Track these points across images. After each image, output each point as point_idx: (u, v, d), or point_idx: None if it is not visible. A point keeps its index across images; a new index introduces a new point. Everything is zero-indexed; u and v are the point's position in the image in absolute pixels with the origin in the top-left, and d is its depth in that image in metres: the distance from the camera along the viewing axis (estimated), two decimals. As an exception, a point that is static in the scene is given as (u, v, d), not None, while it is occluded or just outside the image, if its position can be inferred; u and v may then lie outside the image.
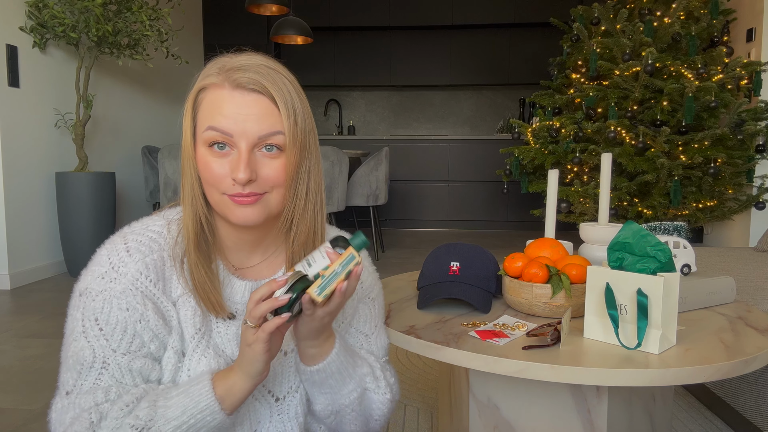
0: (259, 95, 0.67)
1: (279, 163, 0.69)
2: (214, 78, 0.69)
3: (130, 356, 0.68)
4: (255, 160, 0.68)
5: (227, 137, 0.67)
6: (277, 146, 0.69)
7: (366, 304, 0.88)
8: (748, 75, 3.32)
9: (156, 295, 0.71)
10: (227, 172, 0.68)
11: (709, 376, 0.80)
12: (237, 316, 0.77)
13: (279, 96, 0.68)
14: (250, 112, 0.67)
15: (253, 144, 0.68)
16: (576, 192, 3.37)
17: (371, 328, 0.89)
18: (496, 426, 1.03)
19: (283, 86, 0.68)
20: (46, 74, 3.38)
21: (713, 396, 1.57)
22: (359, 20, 5.92)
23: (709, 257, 2.00)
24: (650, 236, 0.86)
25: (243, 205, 0.69)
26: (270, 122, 0.68)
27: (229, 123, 0.67)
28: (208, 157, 0.69)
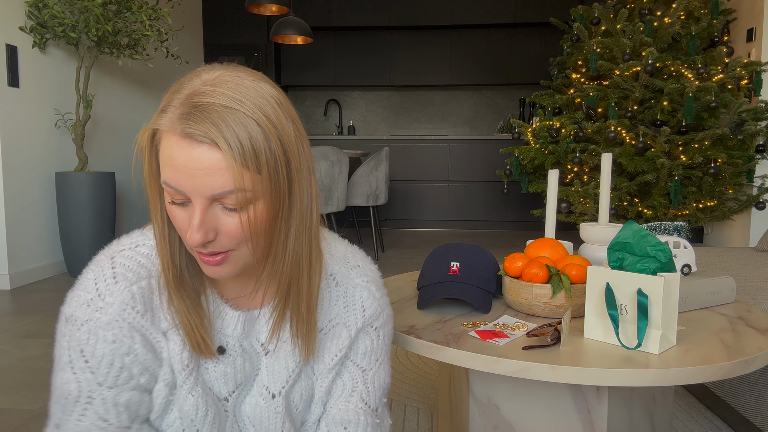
0: (209, 147, 0.56)
1: (238, 223, 0.60)
2: (166, 121, 0.58)
3: (116, 390, 0.65)
4: (214, 216, 0.60)
5: (181, 195, 0.59)
6: (235, 206, 0.59)
7: (368, 334, 0.78)
8: (749, 75, 3.32)
9: (144, 327, 0.66)
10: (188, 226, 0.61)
11: (709, 376, 0.80)
12: (227, 349, 0.71)
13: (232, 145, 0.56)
14: (199, 166, 0.56)
15: (209, 202, 0.59)
16: (576, 192, 3.37)
17: (370, 362, 0.79)
18: (496, 426, 1.03)
19: (242, 131, 0.56)
20: (46, 74, 3.38)
21: (713, 396, 1.57)
22: (359, 20, 5.92)
23: (709, 257, 2.00)
24: (650, 236, 0.86)
25: (209, 265, 0.63)
26: (222, 180, 0.57)
27: (180, 179, 0.57)
28: (171, 207, 0.61)
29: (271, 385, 0.73)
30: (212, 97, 0.57)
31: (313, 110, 6.54)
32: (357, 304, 0.77)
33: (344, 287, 0.77)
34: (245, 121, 0.57)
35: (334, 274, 0.77)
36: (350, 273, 0.78)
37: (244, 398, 0.74)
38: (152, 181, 0.63)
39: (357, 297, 0.77)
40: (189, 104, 0.57)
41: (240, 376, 0.72)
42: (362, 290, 0.78)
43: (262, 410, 0.73)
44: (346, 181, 3.74)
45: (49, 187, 3.41)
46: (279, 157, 0.59)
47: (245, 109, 0.57)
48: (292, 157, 0.61)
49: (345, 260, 0.79)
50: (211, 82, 0.58)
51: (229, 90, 0.58)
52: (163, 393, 0.68)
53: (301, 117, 0.67)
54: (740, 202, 3.46)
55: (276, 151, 0.59)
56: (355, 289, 0.77)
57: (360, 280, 0.78)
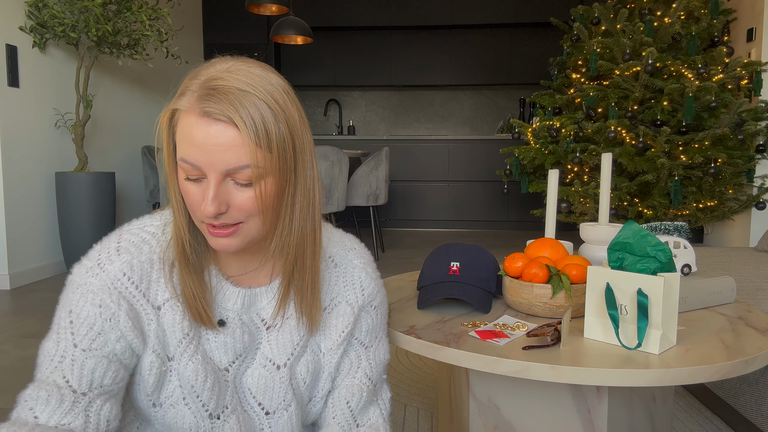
0: (226, 125, 0.62)
1: (253, 194, 0.66)
2: (185, 102, 0.64)
3: (87, 353, 0.67)
4: (226, 191, 0.65)
5: (197, 170, 0.65)
6: (248, 181, 0.65)
7: (368, 313, 0.84)
8: (749, 75, 3.32)
9: (135, 297, 0.70)
10: (201, 201, 0.66)
11: (709, 376, 0.80)
12: (227, 323, 0.75)
13: (247, 124, 0.62)
14: (217, 142, 0.62)
15: (222, 176, 0.64)
16: (576, 192, 3.37)
17: (372, 339, 0.85)
18: (496, 426, 1.02)
19: (255, 110, 0.63)
20: (46, 74, 3.38)
21: (713, 396, 1.57)
22: (359, 20, 5.92)
23: (709, 257, 2.00)
24: (650, 236, 0.86)
25: (218, 237, 0.68)
26: (237, 155, 0.63)
27: (197, 154, 0.63)
28: (185, 183, 0.67)
29: (276, 357, 0.77)
30: (228, 81, 0.63)
31: (313, 110, 6.54)
32: (356, 284, 0.83)
33: (343, 268, 0.83)
34: (258, 103, 0.63)
35: (333, 256, 0.83)
36: (348, 255, 0.84)
37: (246, 369, 0.77)
38: (170, 159, 0.69)
39: (356, 277, 0.83)
40: (207, 87, 0.63)
41: (239, 347, 0.75)
42: (360, 271, 0.84)
43: (267, 380, 0.77)
44: (346, 181, 3.73)
45: (49, 187, 3.41)
46: (287, 138, 0.66)
47: (258, 92, 0.63)
48: (297, 140, 0.67)
49: (342, 243, 0.85)
50: (226, 70, 0.65)
51: (243, 76, 0.64)
52: (156, 364, 0.71)
53: None
54: (740, 202, 3.46)
55: (284, 133, 0.65)
56: (354, 270, 0.83)
57: (358, 262, 0.84)
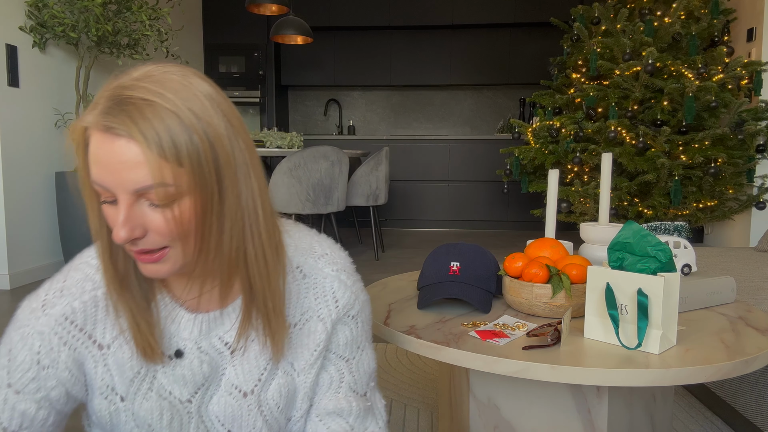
0: (128, 141, 0.55)
1: (169, 216, 0.58)
2: (90, 118, 0.57)
3: (20, 396, 0.66)
4: (141, 213, 0.58)
5: (108, 191, 0.58)
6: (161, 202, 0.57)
7: (346, 324, 0.77)
8: (749, 75, 3.32)
9: (80, 341, 0.67)
10: None
11: (709, 376, 0.80)
12: (185, 352, 0.70)
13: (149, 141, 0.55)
14: (120, 160, 0.56)
15: (133, 197, 0.57)
16: (576, 192, 3.37)
17: (352, 350, 0.78)
18: (496, 426, 1.02)
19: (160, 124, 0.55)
20: (46, 74, 3.38)
21: (714, 396, 1.57)
22: (359, 20, 5.92)
23: (709, 257, 2.00)
24: (651, 236, 0.86)
25: (145, 264, 0.62)
26: (142, 174, 0.56)
27: (104, 175, 0.57)
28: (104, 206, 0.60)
29: (242, 384, 0.72)
30: (133, 91, 0.56)
31: (313, 110, 6.53)
32: (328, 295, 0.75)
33: (313, 279, 0.75)
34: (164, 113, 0.56)
35: (301, 266, 0.75)
36: (317, 263, 0.76)
37: (211, 398, 0.72)
38: (85, 181, 0.61)
39: (327, 288, 0.75)
40: (110, 98, 0.57)
41: (199, 378, 0.71)
42: (332, 281, 0.76)
43: (234, 409, 0.72)
44: (346, 181, 3.73)
45: (49, 187, 3.41)
46: (203, 151, 0.58)
47: (166, 102, 0.56)
48: (221, 151, 0.59)
49: (311, 250, 0.77)
50: (136, 78, 0.58)
51: (152, 84, 0.57)
52: (104, 405, 0.69)
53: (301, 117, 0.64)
54: (740, 202, 3.45)
55: (199, 145, 0.57)
56: (324, 279, 0.75)
57: (329, 270, 0.76)
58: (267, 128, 5.81)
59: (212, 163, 0.59)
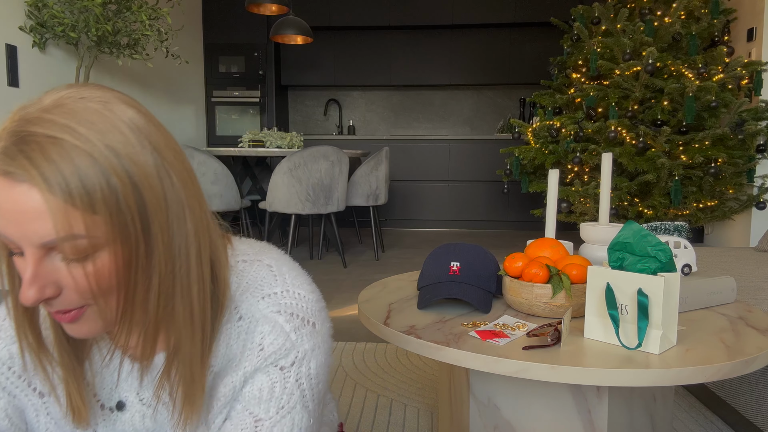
0: (30, 187, 0.47)
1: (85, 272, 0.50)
2: None
3: None
4: (53, 269, 0.50)
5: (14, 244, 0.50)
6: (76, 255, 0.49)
7: (267, 374, 0.61)
8: (749, 75, 3.32)
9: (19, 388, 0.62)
10: None
11: (709, 376, 0.80)
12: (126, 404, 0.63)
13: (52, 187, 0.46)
14: (22, 209, 0.47)
15: (41, 252, 0.49)
16: (576, 192, 3.37)
17: (269, 410, 0.61)
18: (496, 426, 1.02)
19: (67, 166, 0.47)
20: (46, 74, 3.38)
21: (714, 396, 1.57)
22: (359, 20, 5.92)
23: (709, 257, 2.00)
24: (651, 236, 0.86)
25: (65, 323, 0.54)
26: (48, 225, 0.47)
27: (7, 226, 0.48)
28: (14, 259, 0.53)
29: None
30: (38, 125, 0.48)
31: (313, 110, 6.53)
32: (255, 340, 0.61)
33: (247, 322, 0.62)
34: (73, 153, 0.47)
35: (238, 307, 0.63)
36: (258, 304, 0.62)
37: None
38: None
39: (257, 332, 0.62)
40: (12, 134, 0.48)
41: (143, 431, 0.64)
42: (264, 324, 0.62)
43: None
44: (346, 181, 3.73)
45: (49, 187, 3.41)
46: (124, 195, 0.49)
47: (76, 138, 0.47)
48: (148, 193, 0.51)
49: (256, 288, 0.63)
50: (45, 108, 0.49)
51: (62, 117, 0.48)
52: None
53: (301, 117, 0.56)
54: (740, 202, 3.46)
55: (118, 188, 0.49)
56: (257, 324, 0.62)
57: (268, 311, 0.62)
58: (267, 128, 5.81)
59: (136, 209, 0.50)
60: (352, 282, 3.26)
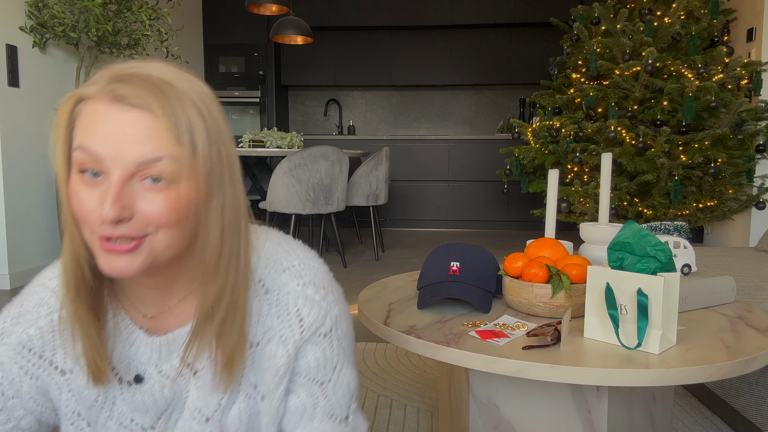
0: (141, 112, 0.53)
1: (165, 197, 0.54)
2: (95, 88, 0.54)
3: None
4: (132, 194, 0.54)
5: (98, 162, 0.53)
6: (163, 177, 0.54)
7: (316, 344, 0.68)
8: (749, 75, 3.32)
9: (41, 368, 0.65)
10: (97, 205, 0.54)
11: (709, 376, 0.80)
12: (145, 377, 0.66)
13: (168, 114, 0.53)
14: (127, 132, 0.52)
15: (130, 173, 0.53)
16: (576, 192, 3.37)
17: (328, 371, 0.69)
18: (496, 426, 1.02)
19: (177, 103, 0.54)
20: (46, 74, 3.38)
21: (713, 396, 1.57)
22: (359, 20, 5.92)
23: (709, 257, 2.00)
24: (650, 236, 0.86)
25: (115, 255, 0.55)
26: (152, 146, 0.53)
27: (101, 144, 0.52)
28: (78, 185, 0.54)
29: (204, 407, 0.66)
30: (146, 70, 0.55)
31: (313, 110, 6.53)
32: (292, 314, 0.66)
33: (275, 294, 0.67)
34: (182, 96, 0.54)
35: (263, 280, 0.67)
36: (281, 277, 0.67)
37: (176, 423, 0.67)
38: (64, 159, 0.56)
39: (291, 306, 0.67)
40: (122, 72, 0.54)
41: (161, 404, 0.66)
42: (297, 297, 0.67)
43: None
44: (346, 181, 3.74)
45: (49, 187, 3.41)
46: (214, 143, 0.57)
47: (182, 87, 0.55)
48: (225, 149, 0.58)
49: (275, 262, 0.68)
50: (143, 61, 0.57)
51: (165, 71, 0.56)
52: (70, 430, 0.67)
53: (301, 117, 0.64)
54: (740, 202, 3.46)
55: (212, 135, 0.56)
56: (288, 296, 0.67)
57: (294, 284, 0.67)
58: (267, 128, 5.81)
59: (216, 158, 0.57)
60: (352, 282, 3.26)
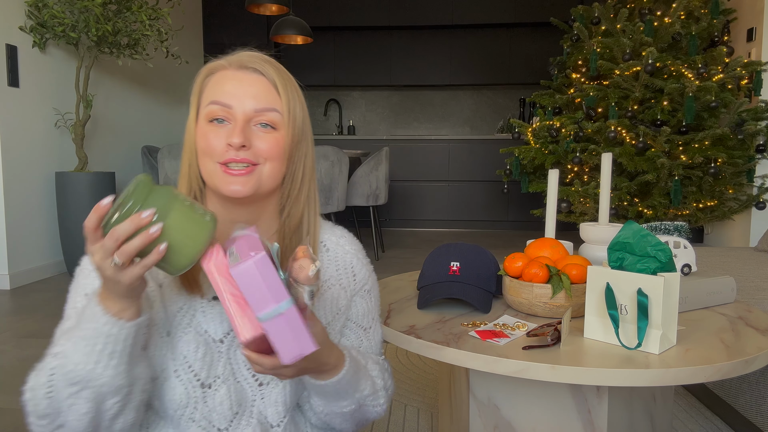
0: (260, 76, 0.75)
1: (273, 137, 0.74)
2: (223, 62, 0.77)
3: None
4: (250, 132, 0.73)
5: (226, 109, 0.73)
6: (271, 124, 0.74)
7: (362, 297, 0.88)
8: (749, 75, 3.32)
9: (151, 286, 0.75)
10: (222, 140, 0.73)
11: (709, 376, 0.80)
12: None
13: (279, 80, 0.75)
14: (249, 89, 0.74)
15: (250, 117, 0.73)
16: (576, 192, 3.37)
17: (369, 321, 0.90)
18: (496, 426, 1.02)
19: (285, 75, 0.76)
20: (46, 74, 3.38)
21: (713, 396, 1.57)
22: (359, 20, 5.92)
23: (709, 257, 2.00)
24: (650, 236, 0.86)
25: (234, 176, 0.73)
26: (267, 100, 0.74)
27: (230, 97, 0.73)
28: (207, 128, 0.74)
29: None
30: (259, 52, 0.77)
31: (313, 110, 6.53)
32: (348, 269, 0.87)
33: (334, 253, 0.87)
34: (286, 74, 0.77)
35: (324, 242, 0.87)
36: (339, 241, 0.88)
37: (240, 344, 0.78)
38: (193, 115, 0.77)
39: (348, 262, 0.87)
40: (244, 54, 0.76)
41: None
42: (351, 257, 0.88)
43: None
44: (346, 181, 3.73)
45: (49, 187, 3.41)
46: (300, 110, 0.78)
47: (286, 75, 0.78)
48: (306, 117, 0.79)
49: (333, 231, 0.89)
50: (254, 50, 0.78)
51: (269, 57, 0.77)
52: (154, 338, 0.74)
53: None
54: (740, 202, 3.46)
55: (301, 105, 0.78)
56: (345, 255, 0.87)
57: (349, 248, 0.88)
58: (267, 128, 5.80)
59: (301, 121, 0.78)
60: (352, 282, 3.25)
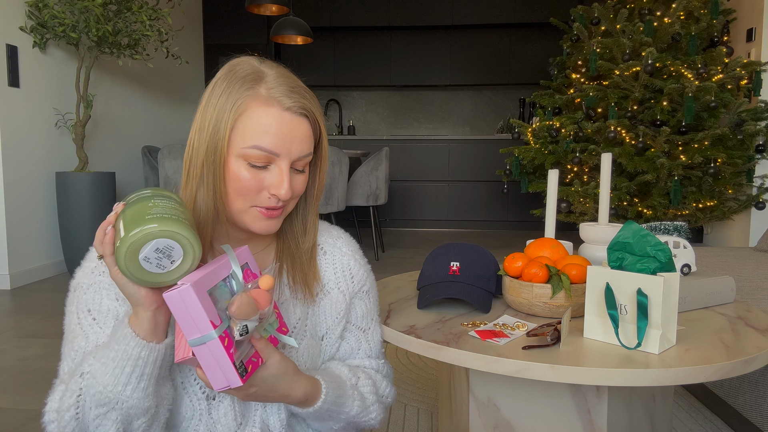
0: (303, 119, 0.72)
1: (303, 177, 0.76)
2: (263, 93, 0.70)
3: None
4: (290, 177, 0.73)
5: (272, 156, 0.70)
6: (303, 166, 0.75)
7: (361, 299, 0.89)
8: (748, 75, 3.32)
9: None
10: (263, 186, 0.72)
11: (709, 376, 0.80)
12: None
13: (317, 123, 0.75)
14: (295, 134, 0.71)
15: (292, 163, 0.73)
16: (576, 192, 3.37)
17: (368, 322, 0.90)
18: (496, 426, 1.03)
19: (318, 109, 0.75)
20: (46, 74, 3.38)
21: (713, 396, 1.57)
22: (359, 20, 5.92)
23: (709, 257, 2.00)
24: (650, 236, 0.86)
25: (269, 218, 0.74)
26: (307, 144, 0.73)
27: (277, 144, 0.70)
28: (242, 169, 0.71)
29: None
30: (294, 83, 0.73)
31: (313, 110, 6.54)
32: (346, 271, 0.87)
33: (332, 256, 0.87)
34: (317, 102, 0.76)
35: (321, 244, 0.87)
36: (336, 242, 0.88)
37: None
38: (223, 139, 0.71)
39: (345, 265, 0.87)
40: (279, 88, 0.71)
41: None
42: (349, 259, 0.88)
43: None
44: (346, 181, 3.74)
45: (49, 187, 3.41)
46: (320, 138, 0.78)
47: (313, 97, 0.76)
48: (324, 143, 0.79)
49: (329, 233, 0.89)
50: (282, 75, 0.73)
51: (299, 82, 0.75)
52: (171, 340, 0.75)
53: None
54: (740, 202, 3.46)
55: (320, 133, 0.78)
56: (342, 257, 0.87)
57: (346, 249, 0.88)
58: (267, 128, 5.81)
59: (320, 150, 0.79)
60: (352, 282, 3.26)
